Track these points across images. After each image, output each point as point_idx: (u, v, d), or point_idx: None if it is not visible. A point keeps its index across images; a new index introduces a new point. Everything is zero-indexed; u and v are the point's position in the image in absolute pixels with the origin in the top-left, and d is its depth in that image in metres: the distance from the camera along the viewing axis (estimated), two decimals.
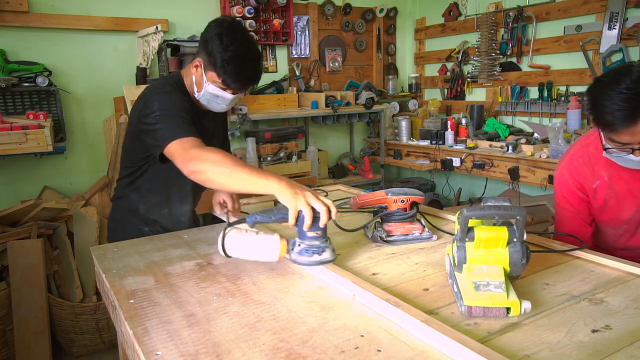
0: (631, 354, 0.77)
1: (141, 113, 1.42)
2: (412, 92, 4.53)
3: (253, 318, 0.92)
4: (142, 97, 1.48)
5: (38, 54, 2.90)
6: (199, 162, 1.22)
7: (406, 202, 1.36)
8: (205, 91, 1.48)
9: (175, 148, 1.28)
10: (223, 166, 1.19)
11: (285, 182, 1.12)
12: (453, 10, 4.14)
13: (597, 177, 1.42)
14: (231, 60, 1.41)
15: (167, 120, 1.34)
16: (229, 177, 1.18)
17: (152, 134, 1.36)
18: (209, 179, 1.21)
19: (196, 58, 1.48)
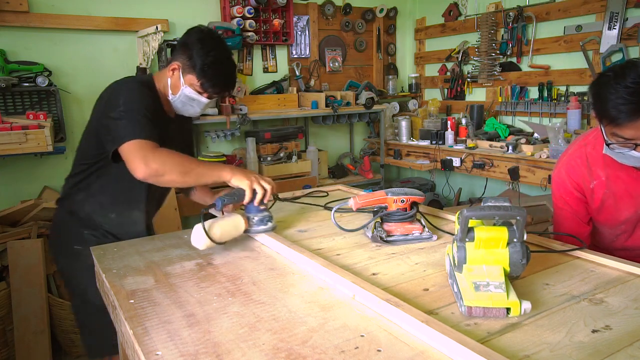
0: (631, 354, 0.77)
1: (106, 107, 1.40)
2: (412, 92, 4.53)
3: (253, 318, 0.92)
4: (108, 91, 1.46)
5: (38, 54, 2.90)
6: (156, 164, 1.28)
7: (406, 202, 1.36)
8: (182, 93, 1.50)
9: (131, 148, 1.29)
10: (179, 166, 1.31)
11: (237, 170, 1.37)
12: (453, 10, 4.14)
13: (594, 177, 1.42)
14: (212, 64, 1.46)
15: (130, 117, 1.34)
16: (187, 175, 1.32)
17: (111, 128, 1.35)
18: (172, 180, 1.32)
19: (173, 62, 1.50)
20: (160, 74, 1.56)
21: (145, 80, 1.53)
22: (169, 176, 1.29)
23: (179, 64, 1.48)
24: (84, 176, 1.53)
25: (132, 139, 1.29)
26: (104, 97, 1.45)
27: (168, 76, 1.51)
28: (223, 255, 1.28)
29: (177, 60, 1.49)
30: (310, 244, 1.34)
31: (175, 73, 1.49)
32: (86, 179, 1.53)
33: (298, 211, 1.72)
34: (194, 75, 1.47)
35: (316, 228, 1.50)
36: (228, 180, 1.35)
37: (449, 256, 1.05)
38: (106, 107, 1.39)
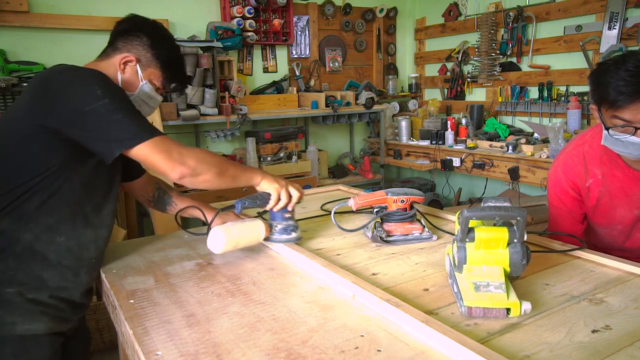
0: (631, 354, 0.77)
1: (64, 99, 1.05)
2: (412, 92, 4.53)
3: (253, 318, 0.92)
4: (53, 80, 1.08)
5: (38, 54, 2.90)
6: (193, 162, 1.09)
7: (406, 202, 1.36)
8: (141, 91, 1.25)
9: (157, 146, 1.06)
10: (216, 165, 1.14)
11: (267, 174, 1.27)
12: (453, 10, 4.14)
13: (590, 176, 1.42)
14: (177, 57, 1.33)
15: (130, 111, 1.07)
16: (222, 176, 1.15)
17: (103, 125, 1.03)
18: (207, 180, 1.13)
19: (121, 53, 1.23)
20: (105, 66, 1.22)
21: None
22: (205, 176, 1.12)
23: (134, 56, 1.23)
24: (16, 197, 1.05)
25: (153, 136, 1.06)
26: (49, 88, 1.07)
27: (118, 70, 1.23)
28: (223, 255, 1.28)
29: (130, 51, 1.24)
30: (310, 244, 1.34)
31: (130, 67, 1.23)
32: (22, 200, 1.06)
33: (298, 211, 1.72)
34: (156, 68, 1.26)
35: (316, 228, 1.50)
36: (257, 183, 1.24)
37: (449, 256, 1.05)
38: (66, 100, 1.04)
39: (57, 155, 1.07)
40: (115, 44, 1.26)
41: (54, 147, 1.07)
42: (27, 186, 1.05)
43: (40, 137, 1.05)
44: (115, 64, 1.23)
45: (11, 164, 1.07)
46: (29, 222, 1.06)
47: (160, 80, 1.29)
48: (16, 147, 1.07)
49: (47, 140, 1.06)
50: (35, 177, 1.06)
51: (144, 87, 1.26)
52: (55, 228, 1.10)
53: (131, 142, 1.04)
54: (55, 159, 1.07)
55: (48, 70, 1.12)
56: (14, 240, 1.05)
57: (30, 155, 1.06)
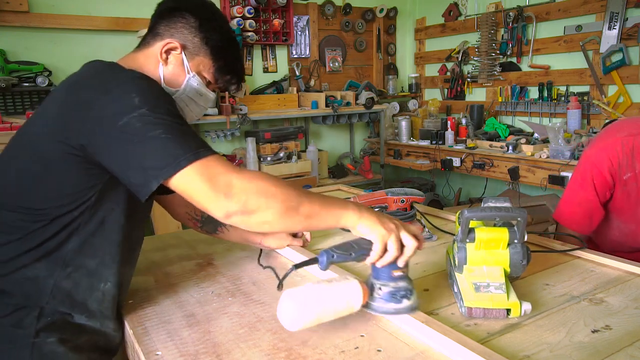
0: (631, 354, 0.77)
1: (98, 112, 0.80)
2: (412, 92, 4.53)
3: (253, 318, 0.92)
4: (84, 88, 0.85)
5: (38, 54, 2.90)
6: (245, 195, 0.78)
7: (406, 202, 1.36)
8: (188, 86, 1.00)
9: (195, 174, 0.77)
10: (284, 199, 0.80)
11: (367, 211, 0.87)
12: (453, 10, 4.14)
13: (630, 169, 1.32)
14: (232, 41, 1.05)
15: (171, 125, 0.80)
16: (292, 213, 0.81)
17: (139, 148, 0.78)
18: (266, 221, 0.80)
19: (163, 39, 0.98)
20: (142, 58, 1.00)
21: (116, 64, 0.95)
22: (263, 214, 0.79)
23: (179, 42, 0.98)
24: (51, 235, 0.85)
25: (197, 158, 0.78)
26: (78, 98, 0.84)
27: (158, 61, 0.98)
28: (223, 255, 1.28)
29: (175, 36, 0.98)
30: (310, 244, 1.34)
31: (174, 56, 0.99)
32: (58, 241, 0.85)
33: None
34: (206, 56, 1.00)
35: None
36: (352, 225, 0.86)
37: (449, 256, 1.05)
38: (97, 111, 0.80)
39: (96, 182, 0.85)
40: (156, 28, 1.01)
41: (91, 173, 0.84)
42: (62, 222, 0.84)
43: (72, 161, 0.82)
44: (155, 54, 0.99)
45: (40, 193, 0.84)
46: (67, 267, 0.86)
47: (212, 72, 1.03)
48: (44, 173, 0.84)
49: (81, 165, 0.83)
50: (72, 210, 0.85)
51: (192, 81, 1.00)
52: (98, 273, 0.90)
53: (171, 168, 0.77)
54: (94, 188, 0.85)
55: (80, 72, 0.91)
56: (48, 290, 0.85)
57: (62, 184, 0.84)
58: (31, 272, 0.84)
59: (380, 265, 0.87)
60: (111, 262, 0.91)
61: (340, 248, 0.86)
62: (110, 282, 0.91)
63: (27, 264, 0.84)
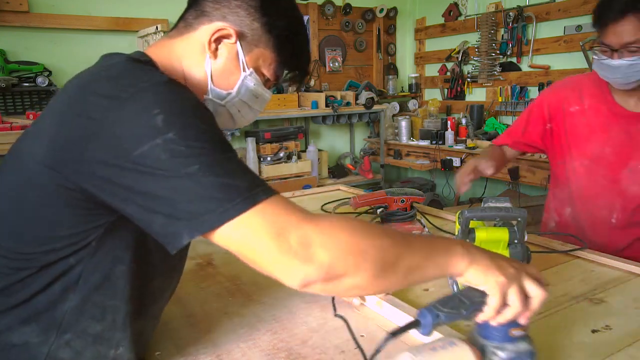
0: (631, 354, 0.77)
1: (107, 138, 0.58)
2: (412, 92, 4.53)
3: (253, 318, 0.92)
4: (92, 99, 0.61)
5: (38, 54, 2.90)
6: (329, 256, 0.56)
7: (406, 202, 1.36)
8: (244, 87, 0.78)
9: (255, 227, 0.56)
10: (381, 255, 0.59)
11: (477, 253, 0.67)
12: (453, 10, 4.14)
13: (578, 103, 1.42)
14: (301, 27, 0.82)
15: (206, 155, 0.57)
16: (391, 273, 0.60)
17: (166, 189, 0.56)
18: (357, 285, 0.59)
19: (212, 22, 0.75)
20: (172, 49, 0.77)
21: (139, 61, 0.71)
22: (354, 278, 0.58)
23: (234, 28, 0.74)
24: (40, 289, 0.64)
25: (250, 206, 0.56)
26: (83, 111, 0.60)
27: (204, 54, 0.75)
28: (223, 255, 1.27)
29: (228, 19, 0.75)
30: None
31: (227, 46, 0.75)
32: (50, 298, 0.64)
33: None
34: (267, 48, 0.77)
35: None
36: (460, 273, 0.66)
37: None
38: (105, 137, 0.58)
39: (100, 223, 0.64)
40: (201, 6, 0.76)
41: (94, 212, 0.63)
42: (54, 272, 0.63)
43: (68, 196, 0.61)
44: (201, 42, 0.75)
45: (28, 232, 0.63)
46: (65, 332, 0.65)
47: (273, 67, 0.80)
48: (34, 205, 0.63)
49: (80, 202, 0.62)
50: (66, 257, 0.63)
51: (248, 80, 0.78)
52: (106, 338, 0.68)
53: (214, 218, 0.55)
54: (96, 230, 0.64)
55: (93, 70, 0.68)
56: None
57: (55, 223, 0.63)
58: (18, 338, 0.63)
59: (497, 323, 0.67)
60: (123, 324, 0.69)
61: (446, 304, 0.66)
62: (124, 347, 0.70)
63: (12, 326, 0.63)
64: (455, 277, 0.67)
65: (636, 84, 1.25)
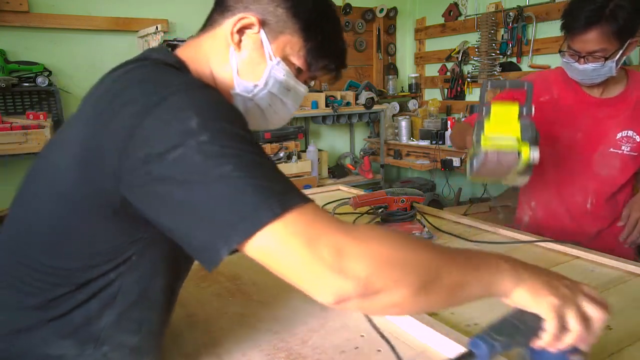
0: (631, 354, 0.77)
1: (139, 142, 0.55)
2: (412, 92, 4.53)
3: (253, 318, 0.92)
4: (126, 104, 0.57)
5: (38, 54, 2.90)
6: (365, 269, 0.51)
7: (406, 202, 1.36)
8: (272, 78, 0.74)
9: (287, 235, 0.52)
10: (422, 270, 0.54)
11: (525, 270, 0.60)
12: (453, 10, 4.14)
13: (547, 93, 1.51)
14: (330, 10, 0.78)
15: (240, 157, 0.54)
16: (434, 289, 0.55)
17: (190, 193, 0.53)
18: (396, 303, 0.54)
19: (234, 15, 0.73)
20: (200, 47, 0.75)
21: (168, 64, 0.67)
22: (392, 295, 0.53)
23: (256, 16, 0.72)
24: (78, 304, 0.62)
25: (284, 211, 0.52)
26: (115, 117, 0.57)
27: (228, 47, 0.73)
28: None
29: (250, 9, 0.72)
30: None
31: (250, 37, 0.73)
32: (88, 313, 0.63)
33: None
34: (294, 34, 0.73)
35: None
36: (506, 293, 0.59)
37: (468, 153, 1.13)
38: (137, 141, 0.55)
39: (141, 236, 0.62)
40: (224, 2, 0.75)
41: (134, 225, 0.61)
42: (93, 289, 0.62)
43: (105, 209, 0.59)
44: (224, 36, 0.73)
45: (66, 248, 0.61)
46: (103, 345, 0.64)
47: (303, 55, 0.75)
48: (70, 221, 0.60)
49: (119, 215, 0.59)
50: (106, 273, 0.62)
51: (276, 70, 0.74)
52: (143, 347, 0.69)
53: (247, 225, 0.51)
54: (136, 244, 0.62)
55: (120, 74, 0.63)
56: None
57: (94, 238, 0.61)
58: (54, 350, 0.62)
59: (556, 349, 0.61)
60: (156, 334, 0.71)
61: (500, 331, 0.58)
62: (154, 355, 0.72)
63: (48, 339, 0.61)
64: (501, 297, 0.60)
65: (601, 82, 1.37)
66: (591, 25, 1.25)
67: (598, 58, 1.29)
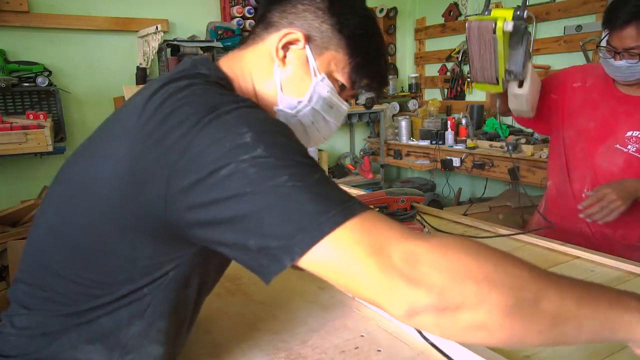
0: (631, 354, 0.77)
1: (192, 159, 0.53)
2: (412, 92, 4.53)
3: (253, 318, 0.92)
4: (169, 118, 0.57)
5: (38, 54, 2.90)
6: (442, 278, 0.46)
7: (406, 202, 1.36)
8: (316, 94, 0.73)
9: (350, 244, 0.49)
10: (513, 286, 0.47)
11: None
12: (453, 10, 4.14)
13: (581, 80, 1.57)
14: (374, 28, 0.77)
15: (295, 167, 0.54)
16: (532, 313, 0.47)
17: (244, 206, 0.51)
18: (482, 325, 0.46)
19: (278, 30, 0.72)
20: (242, 60, 0.74)
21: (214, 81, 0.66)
22: (476, 312, 0.45)
23: (301, 31, 0.71)
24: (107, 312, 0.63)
25: (346, 219, 0.49)
26: (159, 132, 0.56)
27: (272, 63, 0.72)
28: None
29: (295, 24, 0.72)
30: None
31: (295, 52, 0.72)
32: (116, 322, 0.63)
33: None
34: (339, 50, 0.73)
35: None
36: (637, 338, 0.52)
37: None
38: (189, 158, 0.53)
39: (182, 253, 0.62)
40: (268, 17, 0.74)
41: (176, 243, 0.60)
42: (125, 301, 0.62)
43: (149, 225, 0.58)
44: (269, 51, 0.72)
45: (108, 262, 0.61)
46: (129, 353, 0.64)
47: (347, 71, 0.74)
48: (111, 235, 0.60)
49: (163, 232, 0.58)
50: (141, 288, 0.62)
51: (320, 87, 0.73)
52: (166, 356, 0.69)
53: (308, 235, 0.49)
54: (174, 261, 0.62)
55: (172, 93, 0.59)
56: None
57: (134, 252, 0.60)
58: (82, 355, 0.63)
59: None
60: (181, 343, 0.72)
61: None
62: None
63: (77, 344, 0.63)
64: (630, 343, 0.52)
65: (636, 81, 1.39)
66: (629, 21, 1.29)
67: (634, 55, 1.32)
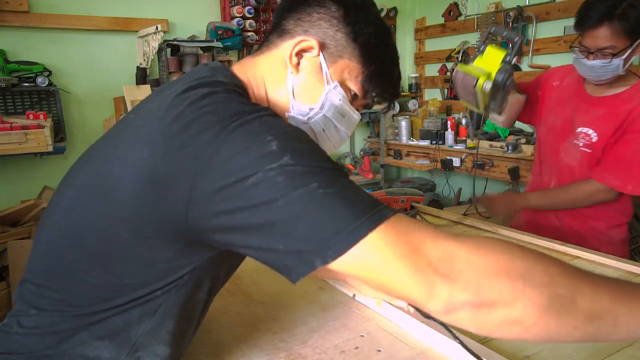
0: (631, 354, 0.77)
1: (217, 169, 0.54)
2: (412, 92, 4.53)
3: (253, 318, 0.92)
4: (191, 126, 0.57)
5: (38, 54, 2.90)
6: (482, 276, 0.49)
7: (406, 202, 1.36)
8: (328, 102, 0.74)
9: (385, 247, 0.50)
10: (548, 283, 0.48)
11: None
12: (453, 10, 4.14)
13: (559, 79, 1.63)
14: (388, 38, 0.77)
15: (323, 174, 0.54)
16: (568, 310, 0.48)
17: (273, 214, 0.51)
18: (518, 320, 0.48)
19: (293, 38, 0.73)
20: (256, 66, 0.75)
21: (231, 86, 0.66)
22: (512, 308, 0.48)
23: (316, 39, 0.71)
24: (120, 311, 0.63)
25: (378, 223, 0.51)
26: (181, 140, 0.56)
27: (285, 70, 0.73)
28: None
29: (310, 32, 0.72)
30: None
31: (309, 60, 0.72)
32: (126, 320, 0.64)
33: None
34: (352, 59, 0.73)
35: None
36: None
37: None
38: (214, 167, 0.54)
39: (198, 258, 0.63)
40: (283, 24, 0.74)
41: (195, 248, 0.61)
42: (139, 302, 0.63)
43: (170, 231, 0.59)
44: (283, 58, 0.73)
45: (130, 264, 0.61)
46: (137, 351, 0.65)
47: (360, 80, 0.75)
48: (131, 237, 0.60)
49: (184, 238, 0.59)
50: (155, 290, 0.63)
51: (332, 95, 0.73)
52: (172, 357, 0.69)
53: (341, 240, 0.50)
54: (191, 265, 0.63)
55: (193, 101, 0.59)
56: None
57: (154, 255, 0.61)
58: (91, 352, 0.63)
59: None
60: (187, 344, 0.73)
61: None
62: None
63: (87, 341, 0.63)
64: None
65: (607, 81, 1.42)
66: (602, 21, 1.30)
67: (606, 55, 1.33)
